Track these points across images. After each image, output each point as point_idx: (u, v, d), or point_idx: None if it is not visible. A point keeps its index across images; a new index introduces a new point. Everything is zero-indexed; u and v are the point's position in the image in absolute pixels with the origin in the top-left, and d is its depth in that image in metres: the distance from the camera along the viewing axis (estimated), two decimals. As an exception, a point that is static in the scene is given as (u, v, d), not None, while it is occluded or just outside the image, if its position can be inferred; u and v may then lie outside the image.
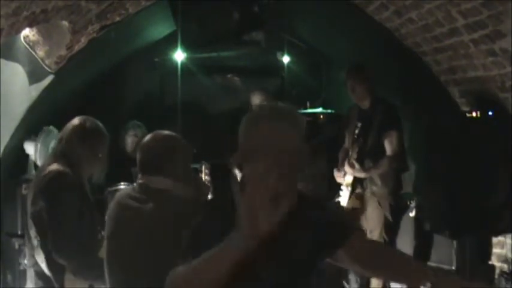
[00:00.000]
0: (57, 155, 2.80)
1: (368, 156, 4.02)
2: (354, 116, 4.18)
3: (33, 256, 2.79)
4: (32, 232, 2.76)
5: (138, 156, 2.34)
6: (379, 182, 3.99)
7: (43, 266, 2.72)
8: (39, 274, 2.77)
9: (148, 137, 2.37)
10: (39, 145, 4.04)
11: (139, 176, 2.32)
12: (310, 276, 1.58)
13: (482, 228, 3.08)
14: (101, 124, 2.86)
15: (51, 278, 2.72)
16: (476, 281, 2.80)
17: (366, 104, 4.10)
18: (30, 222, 2.77)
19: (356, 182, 4.06)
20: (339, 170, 4.22)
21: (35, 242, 2.73)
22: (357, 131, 4.04)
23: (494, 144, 3.09)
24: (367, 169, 3.99)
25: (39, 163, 4.09)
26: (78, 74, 4.60)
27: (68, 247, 2.62)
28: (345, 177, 4.14)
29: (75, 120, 2.84)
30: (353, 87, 4.11)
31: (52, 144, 4.13)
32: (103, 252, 2.40)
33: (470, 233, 3.12)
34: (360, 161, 3.99)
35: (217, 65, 5.87)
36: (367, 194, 4.04)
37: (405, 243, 4.16)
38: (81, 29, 3.59)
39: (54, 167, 2.73)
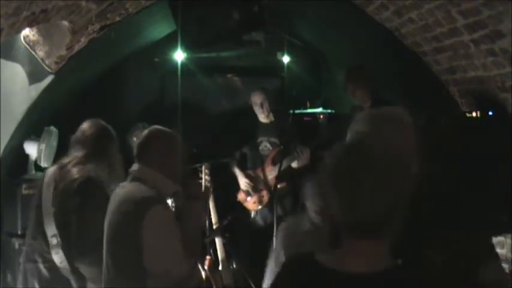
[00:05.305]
0: (88, 157, 2.83)
1: None
2: None
3: (42, 254, 2.78)
4: (50, 231, 2.75)
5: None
6: None
7: (61, 265, 2.72)
8: (50, 270, 2.76)
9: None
10: (43, 146, 4.03)
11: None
12: None
13: (482, 228, 3.07)
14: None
15: (73, 278, 2.72)
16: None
17: (367, 105, 4.11)
18: (48, 221, 2.76)
19: None
20: None
21: (54, 240, 2.72)
22: None
23: (494, 144, 3.08)
24: None
25: (44, 164, 4.07)
26: (78, 74, 4.60)
27: (91, 253, 2.63)
28: None
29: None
30: (353, 91, 4.11)
31: (54, 143, 4.13)
32: None
33: (471, 233, 3.11)
34: None
35: (217, 65, 5.87)
36: None
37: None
38: (81, 29, 3.58)
39: (86, 170, 2.78)
